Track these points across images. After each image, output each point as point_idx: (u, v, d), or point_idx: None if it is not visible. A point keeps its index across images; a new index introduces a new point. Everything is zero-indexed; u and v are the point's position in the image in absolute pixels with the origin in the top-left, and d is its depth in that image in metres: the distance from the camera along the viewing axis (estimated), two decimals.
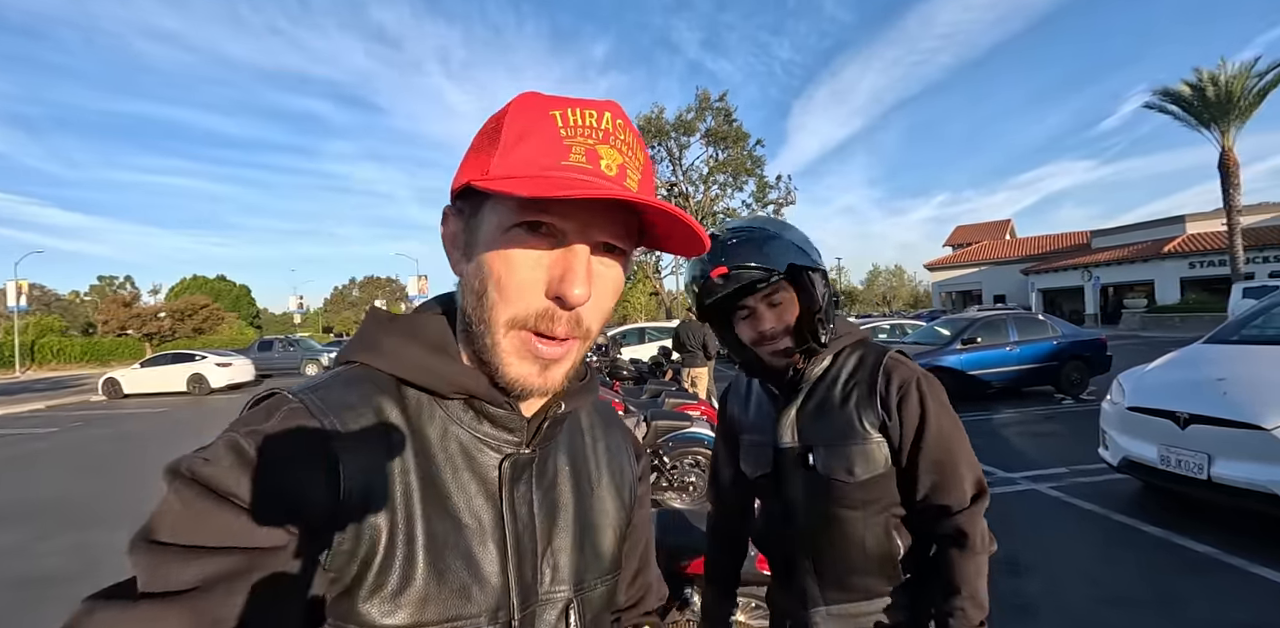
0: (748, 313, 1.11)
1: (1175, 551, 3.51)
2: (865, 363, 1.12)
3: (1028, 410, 8.22)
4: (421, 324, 0.57)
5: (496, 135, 0.51)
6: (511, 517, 0.55)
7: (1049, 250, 36.23)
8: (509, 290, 0.51)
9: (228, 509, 0.42)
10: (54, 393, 18.64)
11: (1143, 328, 23.21)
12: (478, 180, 0.50)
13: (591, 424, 0.69)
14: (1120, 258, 28.15)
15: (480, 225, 0.53)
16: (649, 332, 16.37)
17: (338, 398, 0.51)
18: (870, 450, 1.07)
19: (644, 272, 39.82)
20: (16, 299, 31.64)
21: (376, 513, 0.48)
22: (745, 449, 1.21)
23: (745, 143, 33.42)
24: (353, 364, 0.56)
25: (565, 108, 0.51)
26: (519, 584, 0.54)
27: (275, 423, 0.47)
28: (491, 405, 0.55)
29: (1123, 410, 4.12)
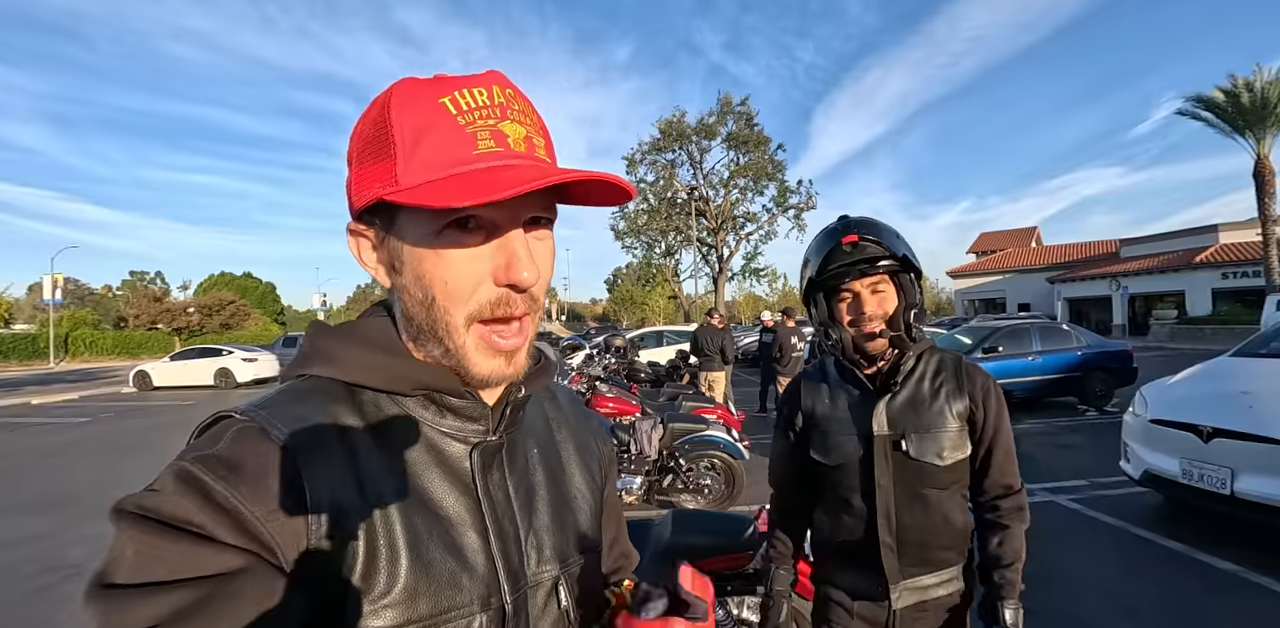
0: (851, 296, 1.27)
1: (1196, 567, 3.46)
2: (947, 364, 1.31)
3: (1050, 422, 8.10)
4: (369, 328, 0.57)
5: (387, 138, 0.50)
6: (489, 504, 0.55)
7: (1076, 259, 35.53)
8: (458, 291, 0.51)
9: (183, 539, 0.41)
10: (86, 384, 19.19)
11: (1172, 340, 22.68)
12: (391, 194, 0.49)
13: (553, 406, 0.70)
14: (1150, 267, 27.54)
15: (403, 235, 0.51)
16: (667, 335, 16.38)
17: (289, 412, 0.50)
18: (955, 438, 1.26)
19: (663, 275, 39.83)
20: (52, 293, 32.59)
21: (349, 520, 0.47)
22: (826, 439, 1.32)
23: (766, 147, 33.34)
24: (301, 378, 0.55)
25: (452, 91, 0.50)
26: (506, 569, 0.54)
27: (225, 445, 0.46)
28: (452, 397, 0.55)
29: (1145, 423, 4.07)
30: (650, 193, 34.56)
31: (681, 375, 10.02)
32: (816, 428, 1.35)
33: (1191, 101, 21.21)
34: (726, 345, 8.65)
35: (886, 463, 1.26)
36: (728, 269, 35.15)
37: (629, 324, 48.16)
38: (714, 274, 35.43)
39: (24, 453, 8.23)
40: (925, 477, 1.24)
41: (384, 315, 0.59)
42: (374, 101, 0.52)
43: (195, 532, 0.41)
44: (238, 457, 0.45)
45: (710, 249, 35.40)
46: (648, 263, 38.53)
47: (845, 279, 1.25)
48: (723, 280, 35.02)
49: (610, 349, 8.86)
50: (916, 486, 1.25)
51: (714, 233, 34.77)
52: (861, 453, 1.27)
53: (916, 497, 1.25)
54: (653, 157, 34.24)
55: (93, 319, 45.81)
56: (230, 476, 0.44)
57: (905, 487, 1.25)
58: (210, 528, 0.42)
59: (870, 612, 1.29)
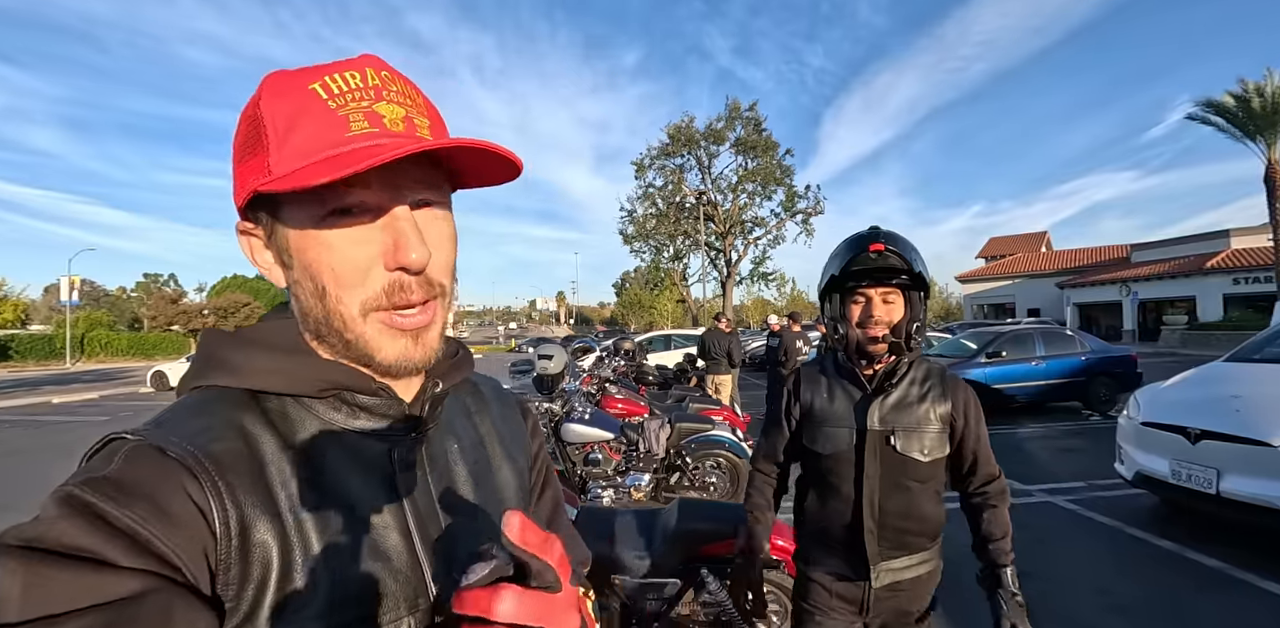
0: (864, 300, 1.42)
1: (1186, 565, 3.58)
2: (934, 372, 1.48)
3: (1052, 426, 8.19)
4: (268, 330, 0.55)
5: (260, 132, 0.48)
6: (411, 505, 0.53)
7: (1086, 264, 35.37)
8: (347, 277, 0.49)
9: (73, 567, 0.38)
10: (102, 384, 19.54)
11: (1183, 345, 22.57)
12: (263, 185, 0.47)
13: (475, 398, 0.68)
14: (1161, 273, 27.38)
15: (287, 227, 0.50)
16: (674, 339, 16.54)
17: (186, 426, 0.48)
18: (936, 438, 1.42)
19: (671, 279, 39.96)
20: (69, 294, 33.12)
21: (262, 531, 0.45)
22: (822, 430, 1.47)
23: (774, 152, 33.49)
24: (196, 390, 0.53)
25: (323, 77, 0.49)
26: (433, 570, 0.53)
27: (115, 467, 0.43)
28: (364, 396, 0.53)
29: (1137, 425, 4.20)
30: (659, 197, 34.77)
31: (689, 378, 10.16)
32: (812, 419, 1.49)
33: (1201, 106, 21.15)
34: (733, 349, 8.79)
35: (875, 455, 1.40)
36: (735, 273, 35.27)
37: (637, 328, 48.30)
38: (722, 278, 35.54)
39: (47, 449, 8.47)
40: (908, 470, 1.40)
41: (287, 317, 0.56)
42: (248, 101, 0.50)
43: (87, 558, 0.39)
44: (129, 476, 0.43)
45: (718, 253, 35.52)
46: (656, 267, 38.67)
47: (863, 283, 1.41)
48: (730, 284, 35.12)
49: (619, 352, 9.03)
50: (899, 477, 1.40)
51: (722, 237, 34.90)
52: (854, 443, 1.42)
53: (898, 487, 1.40)
54: (661, 161, 34.45)
55: (108, 320, 46.45)
56: (121, 496, 0.41)
57: (889, 478, 1.40)
58: (104, 552, 0.39)
59: (849, 592, 1.44)
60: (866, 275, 1.41)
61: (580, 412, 4.81)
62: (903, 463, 1.40)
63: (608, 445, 4.76)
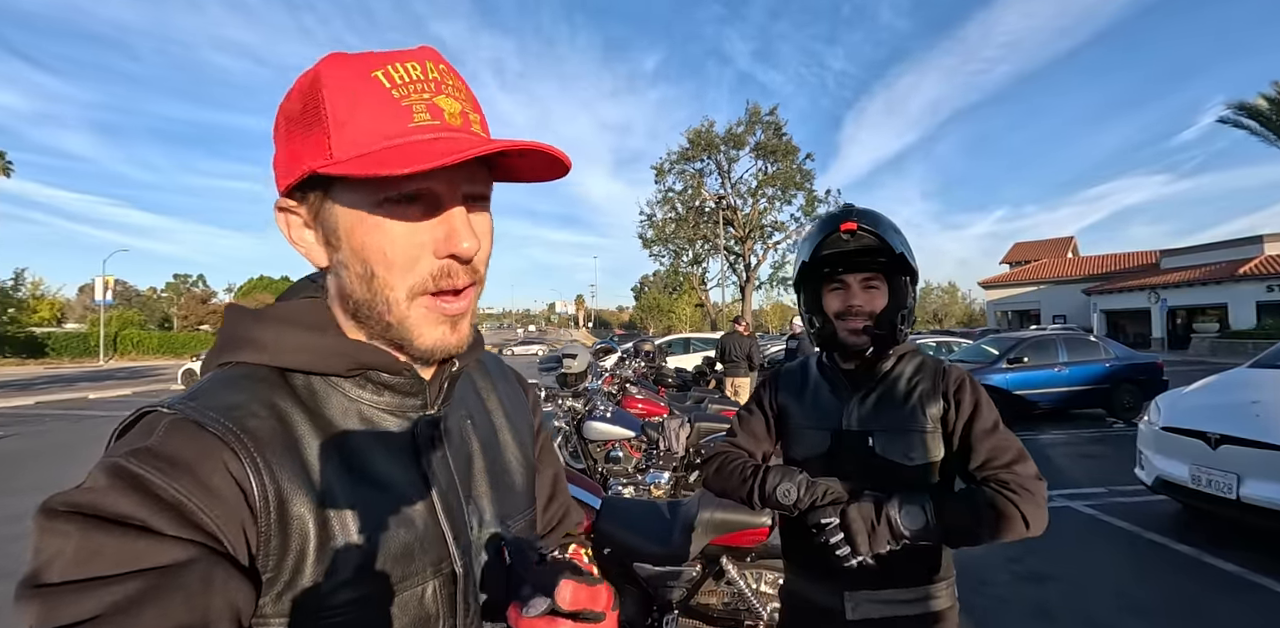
0: (841, 287, 1.26)
1: (1204, 569, 3.58)
2: (926, 366, 1.28)
3: (1075, 432, 8.12)
4: (296, 309, 0.56)
5: (318, 111, 0.49)
6: (433, 477, 0.56)
7: (1114, 270, 34.72)
8: (399, 263, 0.51)
9: (120, 533, 0.40)
10: (134, 381, 20.12)
11: (1213, 354, 22.08)
12: (325, 167, 0.48)
13: (481, 374, 0.72)
14: (1191, 279, 26.81)
15: (335, 212, 0.51)
16: (694, 342, 16.62)
17: (220, 401, 0.49)
18: (926, 440, 1.20)
19: (690, 283, 39.99)
20: (103, 294, 34.12)
21: (298, 503, 0.48)
22: (796, 431, 1.31)
23: (795, 156, 33.43)
24: (225, 366, 0.54)
25: (385, 65, 0.50)
26: (454, 535, 0.56)
27: (157, 439, 0.45)
28: (387, 375, 0.55)
29: (1157, 430, 4.20)
30: (678, 201, 34.87)
31: (708, 381, 10.24)
32: (788, 420, 1.34)
33: (1234, 109, 20.81)
34: (752, 352, 8.85)
35: (852, 459, 1.22)
36: (755, 278, 35.21)
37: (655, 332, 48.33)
38: (741, 283, 35.50)
39: (89, 442, 8.80)
40: (891, 477, 1.18)
41: (311, 296, 0.58)
42: (302, 76, 0.51)
43: (136, 526, 0.41)
44: (172, 449, 0.44)
45: (738, 258, 35.50)
46: (675, 271, 38.76)
47: (838, 269, 1.25)
48: (749, 289, 35.07)
49: (639, 353, 9.14)
50: (882, 486, 1.15)
51: (741, 242, 34.89)
52: (829, 447, 1.25)
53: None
54: (681, 166, 34.57)
55: (139, 319, 47.68)
56: (168, 468, 0.43)
57: (870, 486, 1.15)
58: (152, 521, 0.41)
59: (829, 622, 1.21)
60: (842, 260, 1.25)
61: (602, 410, 4.92)
62: (885, 469, 1.19)
63: (628, 444, 4.87)
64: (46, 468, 6.91)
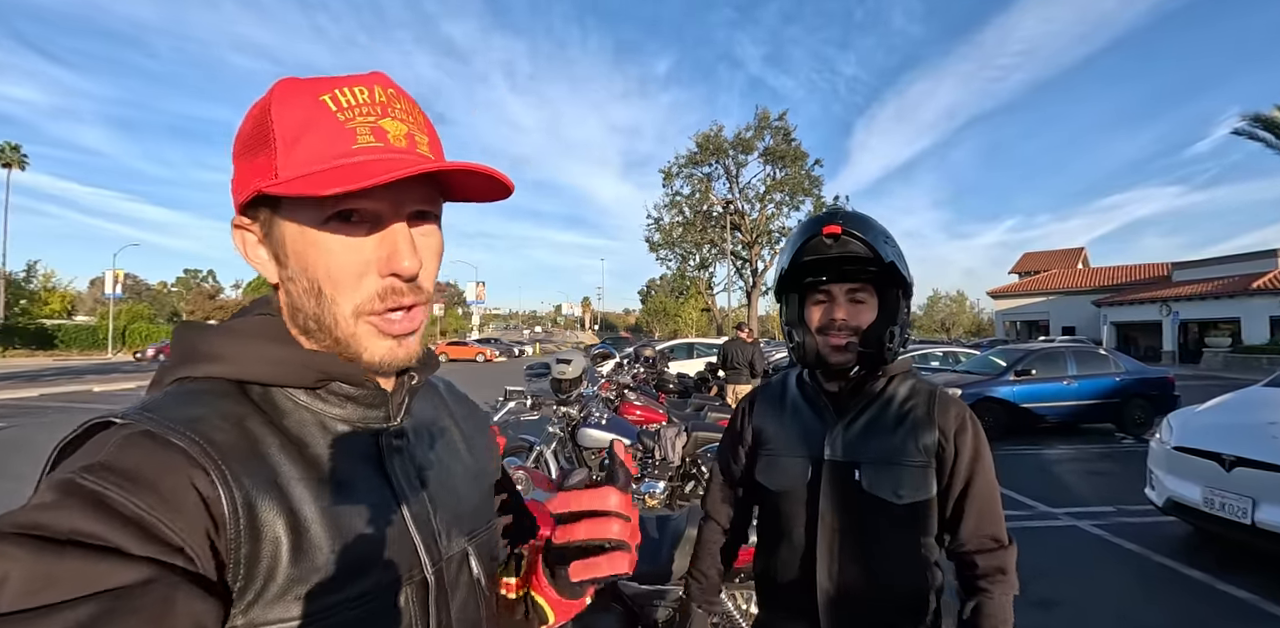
0: (826, 298, 1.14)
1: (1216, 596, 3.45)
2: (919, 390, 1.16)
3: (1083, 448, 7.95)
4: (256, 324, 0.57)
5: (267, 134, 0.51)
6: (399, 487, 0.57)
7: (1125, 282, 34.41)
8: (344, 281, 0.52)
9: (76, 554, 0.38)
10: (141, 374, 20.20)
11: (1225, 368, 21.79)
12: (270, 187, 0.49)
13: (433, 392, 0.73)
14: (1204, 292, 26.50)
15: (287, 227, 0.52)
16: (697, 347, 16.52)
17: (180, 413, 0.48)
18: (918, 474, 1.08)
19: (696, 288, 39.91)
20: (113, 287, 34.38)
21: (265, 512, 0.47)
22: (770, 461, 1.19)
23: (804, 162, 33.37)
24: (181, 381, 0.53)
25: (333, 89, 0.51)
26: (424, 545, 0.56)
27: (112, 452, 0.43)
28: (350, 386, 0.56)
29: (1169, 450, 4.07)
30: (686, 205, 34.82)
31: (709, 387, 10.13)
32: (765, 447, 1.21)
33: (1250, 121, 20.56)
34: (755, 359, 8.74)
35: (835, 493, 1.10)
36: (761, 283, 35.08)
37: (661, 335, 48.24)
38: (748, 288, 35.39)
39: None
40: (879, 516, 1.08)
41: (265, 313, 0.58)
42: (257, 100, 0.53)
43: (93, 545, 0.39)
44: (130, 463, 0.43)
45: (745, 263, 35.41)
46: (681, 275, 38.70)
47: (822, 279, 1.15)
48: (756, 294, 34.96)
49: (640, 359, 9.05)
50: (867, 523, 1.08)
51: (749, 247, 34.79)
52: (809, 479, 1.13)
53: (866, 538, 1.08)
54: (689, 170, 34.55)
55: (149, 313, 48.03)
56: (126, 483, 0.42)
57: (854, 525, 1.09)
58: (111, 539, 0.39)
59: None
60: (826, 268, 1.14)
61: (597, 417, 4.83)
62: (871, 506, 1.08)
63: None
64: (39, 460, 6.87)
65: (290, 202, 0.51)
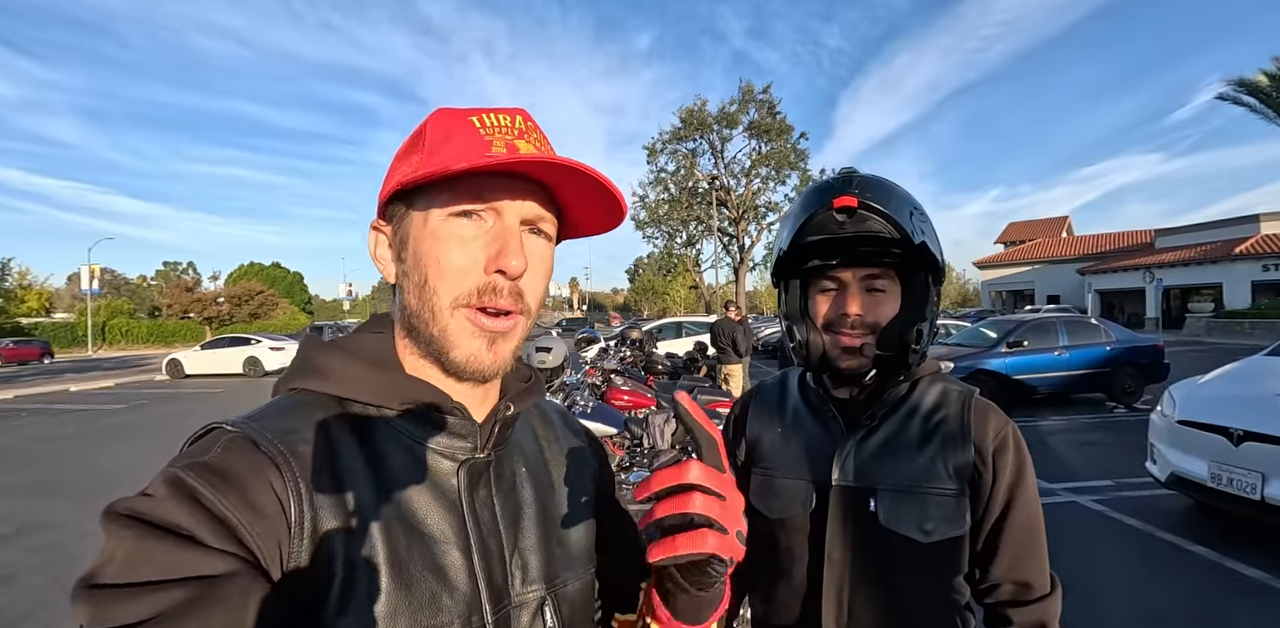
0: (835, 287, 0.93)
1: (1223, 574, 3.36)
2: (950, 398, 0.94)
3: (1075, 418, 7.92)
4: (361, 342, 0.59)
5: (418, 142, 0.56)
6: (474, 522, 0.55)
7: (1109, 249, 34.59)
8: (449, 272, 0.53)
9: (172, 542, 0.42)
10: (121, 371, 19.78)
11: (1208, 334, 22.00)
12: (404, 177, 0.54)
13: (544, 424, 0.70)
14: (1186, 259, 26.65)
15: (410, 224, 0.56)
16: (686, 326, 16.34)
17: (278, 424, 0.51)
18: (949, 505, 0.87)
19: (684, 265, 39.69)
20: (89, 283, 33.60)
21: (332, 534, 0.48)
22: (766, 482, 0.98)
23: (789, 136, 32.94)
24: (292, 392, 0.56)
25: (481, 114, 0.57)
26: (489, 588, 0.54)
27: (215, 454, 0.47)
28: (441, 413, 0.56)
29: (1173, 424, 3.95)
30: (671, 182, 34.37)
31: (699, 368, 9.99)
32: (759, 463, 1.00)
33: (1233, 86, 20.44)
34: (739, 338, 8.59)
35: (845, 527, 0.89)
36: (749, 259, 34.89)
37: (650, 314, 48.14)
38: (735, 264, 35.20)
39: (63, 438, 8.53)
40: (898, 556, 0.87)
41: (380, 331, 0.61)
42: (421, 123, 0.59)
43: (184, 535, 0.42)
44: (226, 466, 0.46)
45: (732, 239, 35.15)
46: (668, 253, 38.37)
47: (832, 261, 0.91)
48: (744, 271, 34.79)
49: (627, 341, 8.87)
50: (885, 567, 0.88)
51: (735, 223, 34.50)
52: (813, 507, 0.92)
53: (881, 584, 0.88)
54: (673, 146, 34.00)
55: (128, 308, 47.16)
56: (219, 483, 0.45)
57: (868, 565, 0.88)
58: (198, 533, 0.43)
59: None
60: (836, 250, 0.90)
61: (582, 406, 4.65)
62: (890, 543, 0.87)
63: (610, 441, 4.61)
64: (8, 467, 6.63)
65: (421, 197, 0.54)
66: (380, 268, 0.59)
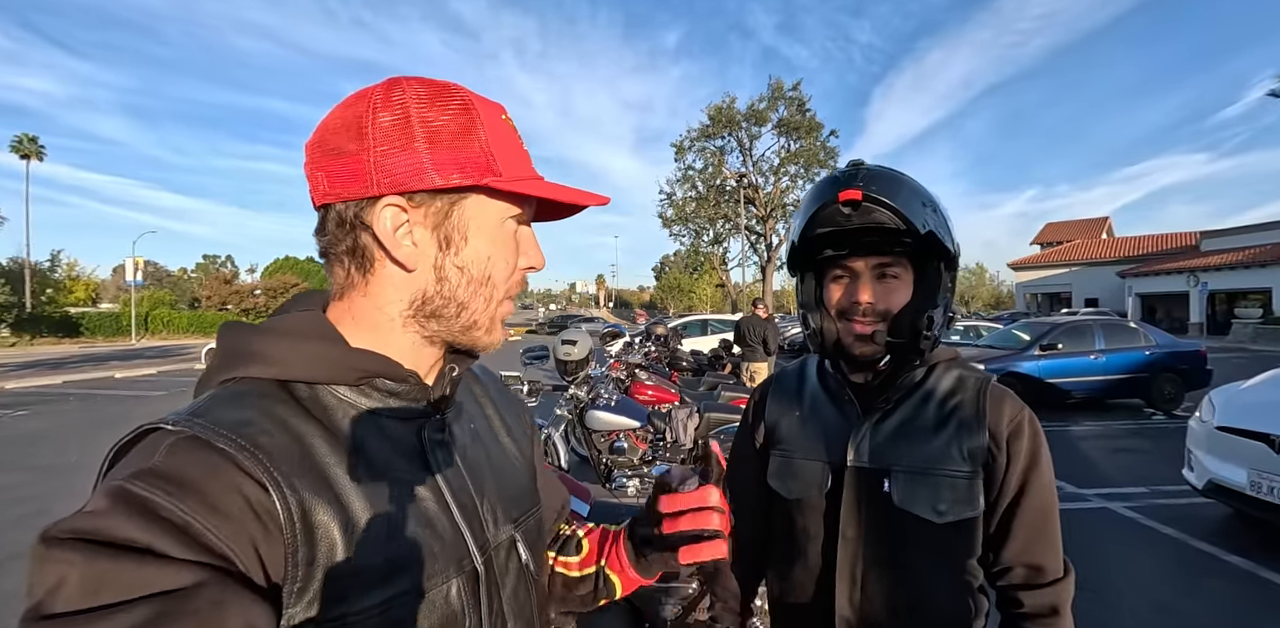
0: (847, 275, 0.96)
1: (1260, 584, 3.26)
2: (966, 382, 0.96)
3: (1110, 424, 7.72)
4: (301, 322, 0.58)
5: (472, 133, 0.56)
6: (444, 478, 0.58)
7: (1151, 252, 33.44)
8: (505, 270, 0.60)
9: (128, 559, 0.39)
10: (163, 360, 20.50)
11: (1255, 341, 21.18)
12: (502, 183, 0.56)
13: (475, 381, 0.75)
14: (1233, 262, 25.64)
15: (466, 218, 0.57)
16: (712, 324, 16.31)
17: (229, 417, 0.48)
18: (963, 486, 0.89)
19: (710, 263, 39.55)
20: (134, 274, 34.80)
21: (319, 514, 0.48)
22: (784, 463, 1.02)
23: (818, 133, 32.56)
24: (228, 382, 0.54)
25: (502, 113, 0.60)
26: (472, 535, 0.58)
27: (161, 459, 0.44)
28: (394, 382, 0.57)
29: (1211, 430, 3.83)
30: (699, 180, 34.26)
31: (723, 365, 9.97)
32: (778, 446, 1.04)
33: None
34: (768, 336, 8.55)
35: (859, 507, 0.92)
36: (776, 258, 34.61)
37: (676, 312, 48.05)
38: (762, 263, 34.96)
39: (109, 422, 8.87)
40: (912, 536, 0.90)
41: (307, 309, 0.61)
42: (443, 89, 0.57)
43: (140, 549, 0.40)
44: (177, 470, 0.43)
45: (759, 237, 34.91)
46: (695, 251, 38.30)
47: (845, 252, 0.94)
48: (771, 269, 34.52)
49: (652, 337, 8.89)
50: (898, 546, 0.90)
51: (763, 221, 34.25)
52: (828, 487, 0.95)
53: (895, 564, 0.91)
54: (702, 143, 33.86)
55: (170, 300, 48.69)
56: (173, 489, 0.42)
57: (882, 545, 0.91)
58: (157, 544, 0.40)
59: None
60: (845, 240, 0.93)
61: (606, 398, 4.69)
62: (903, 524, 0.89)
63: (633, 434, 4.64)
64: (60, 448, 6.93)
65: (483, 197, 0.57)
66: (395, 250, 0.55)
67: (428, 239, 0.56)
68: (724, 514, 0.62)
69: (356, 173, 0.54)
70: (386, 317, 0.58)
